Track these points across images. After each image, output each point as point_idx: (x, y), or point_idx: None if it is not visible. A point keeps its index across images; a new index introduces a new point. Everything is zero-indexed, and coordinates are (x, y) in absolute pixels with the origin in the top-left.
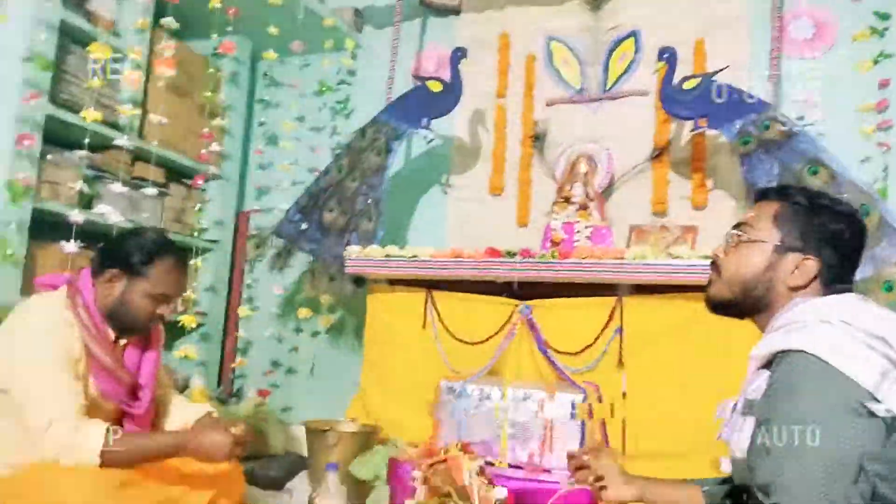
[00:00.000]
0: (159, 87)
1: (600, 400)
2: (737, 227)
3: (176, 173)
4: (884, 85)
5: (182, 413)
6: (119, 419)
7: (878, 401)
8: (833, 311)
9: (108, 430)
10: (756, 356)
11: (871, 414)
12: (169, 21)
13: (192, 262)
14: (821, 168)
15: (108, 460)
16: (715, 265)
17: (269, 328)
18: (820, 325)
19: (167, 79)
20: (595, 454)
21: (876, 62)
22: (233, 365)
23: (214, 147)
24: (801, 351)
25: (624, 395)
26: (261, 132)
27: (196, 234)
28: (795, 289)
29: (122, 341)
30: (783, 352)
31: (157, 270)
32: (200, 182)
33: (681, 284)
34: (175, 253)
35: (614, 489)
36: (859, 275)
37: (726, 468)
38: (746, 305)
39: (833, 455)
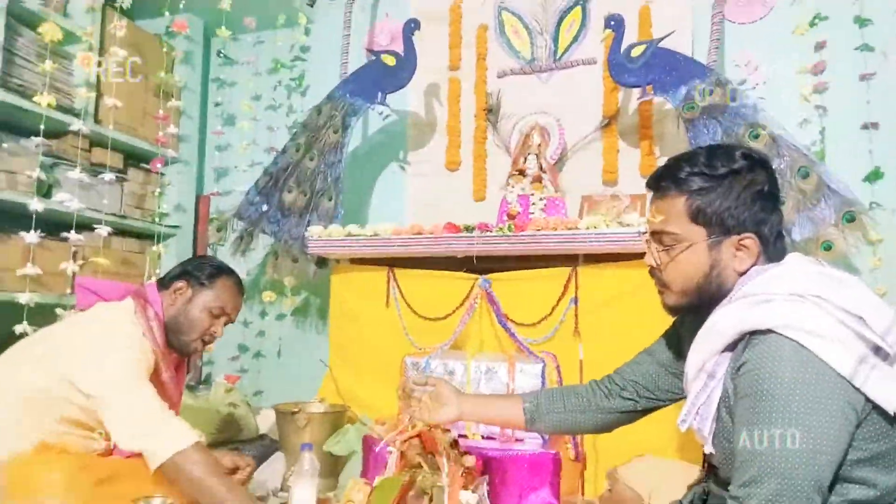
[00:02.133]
0: (113, 68)
1: (558, 370)
2: (654, 236)
3: (134, 158)
4: (821, 46)
5: None
6: None
7: (856, 388)
8: (800, 282)
9: (197, 442)
10: (720, 331)
11: (847, 402)
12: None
13: (154, 248)
14: (761, 132)
15: (172, 468)
16: (657, 277)
17: None
18: (791, 299)
19: (121, 60)
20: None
21: (812, 24)
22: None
23: (171, 129)
24: (773, 332)
25: (581, 363)
26: (217, 113)
27: (157, 219)
28: (746, 271)
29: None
30: (753, 333)
31: (221, 285)
32: (159, 166)
33: (632, 252)
34: (238, 277)
35: (432, 413)
36: (798, 236)
37: (683, 425)
38: (704, 304)
39: (801, 435)
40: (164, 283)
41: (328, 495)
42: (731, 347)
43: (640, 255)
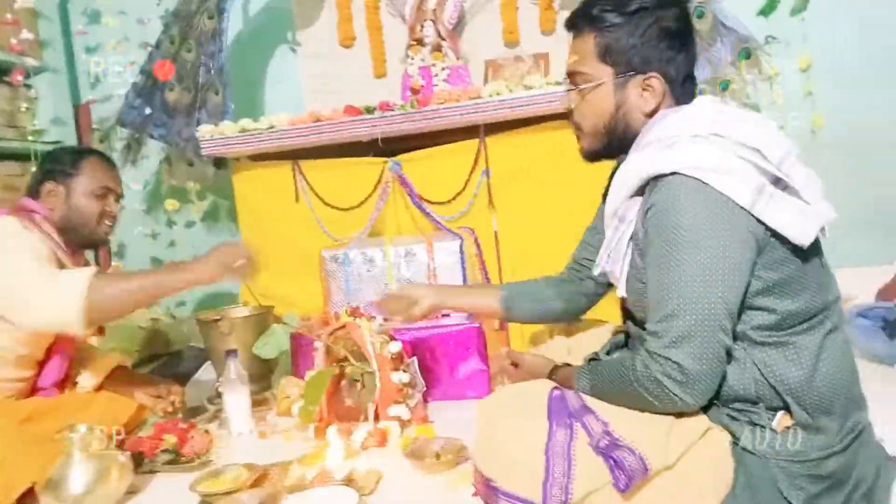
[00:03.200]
0: None
1: (476, 243)
2: (570, 77)
3: None
4: None
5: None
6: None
7: (754, 216)
8: (701, 122)
9: (96, 272)
10: (627, 180)
11: (747, 230)
12: None
13: (34, 169)
14: None
15: (95, 305)
16: (573, 121)
17: (140, 226)
18: (691, 140)
19: None
20: (397, 291)
21: None
22: (110, 270)
23: (26, 34)
24: (677, 173)
25: (496, 234)
26: (78, 10)
27: (33, 137)
28: (652, 113)
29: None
30: (657, 177)
31: (88, 165)
32: (20, 78)
33: (539, 115)
34: (100, 152)
35: (409, 311)
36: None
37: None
38: (615, 146)
39: (709, 264)
40: (35, 194)
41: (265, 395)
42: (640, 192)
43: (547, 118)
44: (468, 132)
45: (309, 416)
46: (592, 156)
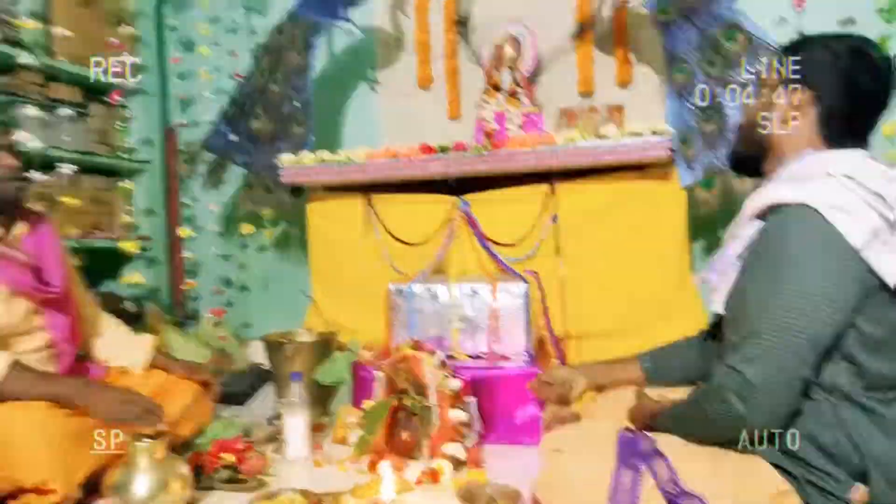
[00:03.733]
0: None
1: (540, 287)
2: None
3: (94, 91)
4: None
5: (118, 338)
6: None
7: (864, 260)
8: (838, 164)
9: (13, 363)
10: (753, 205)
11: (855, 273)
12: None
13: (122, 183)
14: (738, 32)
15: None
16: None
17: (213, 247)
18: (823, 178)
19: None
20: (549, 376)
21: None
22: (183, 287)
23: (127, 58)
24: (798, 204)
25: (562, 280)
26: (175, 38)
27: (124, 155)
28: (818, 141)
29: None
30: (780, 205)
31: None
32: (118, 97)
33: (611, 165)
34: None
35: (569, 396)
36: None
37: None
38: (764, 149)
39: (806, 293)
40: None
41: (322, 420)
42: (762, 217)
43: (620, 169)
44: (538, 177)
45: (365, 446)
46: (736, 160)
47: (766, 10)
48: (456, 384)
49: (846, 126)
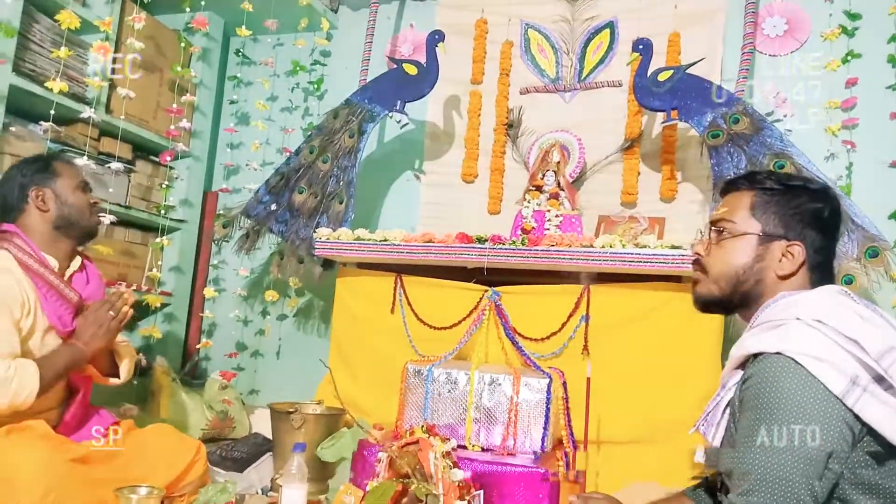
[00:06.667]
0: (128, 60)
1: (565, 386)
2: (714, 224)
3: (143, 150)
4: (851, 83)
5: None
6: None
7: (848, 407)
8: (810, 308)
9: (37, 367)
10: (733, 356)
11: (840, 419)
12: None
13: (157, 240)
14: (787, 162)
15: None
16: (699, 264)
17: (234, 310)
18: (795, 324)
19: (136, 51)
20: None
21: (845, 61)
22: (198, 346)
23: (184, 124)
24: (776, 353)
25: (588, 381)
26: (232, 111)
27: (163, 212)
28: (785, 277)
29: (67, 272)
30: (757, 354)
31: (60, 168)
32: (168, 159)
33: (647, 274)
34: (59, 154)
35: None
36: None
37: (700, 458)
38: (735, 300)
39: (795, 445)
40: (16, 210)
41: (319, 498)
42: (742, 366)
43: (655, 279)
44: (570, 277)
45: None
46: (707, 303)
47: (817, 144)
48: (459, 475)
49: (822, 260)
